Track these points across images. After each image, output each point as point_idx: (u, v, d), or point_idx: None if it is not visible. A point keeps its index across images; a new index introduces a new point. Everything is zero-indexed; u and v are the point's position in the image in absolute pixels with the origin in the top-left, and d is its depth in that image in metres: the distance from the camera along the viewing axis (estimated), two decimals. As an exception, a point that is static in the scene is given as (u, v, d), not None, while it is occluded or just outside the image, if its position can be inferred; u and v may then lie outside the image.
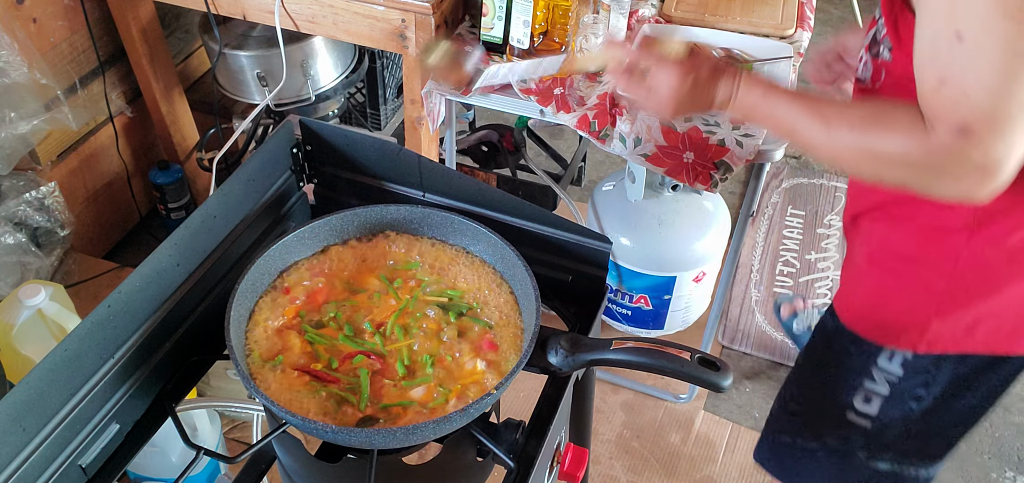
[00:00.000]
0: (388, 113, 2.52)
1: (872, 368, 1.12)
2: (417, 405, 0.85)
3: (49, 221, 2.07)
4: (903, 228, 1.03)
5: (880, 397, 1.14)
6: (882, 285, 1.08)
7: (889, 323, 1.08)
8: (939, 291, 1.01)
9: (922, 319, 1.04)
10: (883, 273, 1.07)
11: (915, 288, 1.04)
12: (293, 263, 0.99)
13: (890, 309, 1.07)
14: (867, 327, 1.11)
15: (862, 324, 1.12)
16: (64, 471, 0.83)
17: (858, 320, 1.13)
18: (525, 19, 1.56)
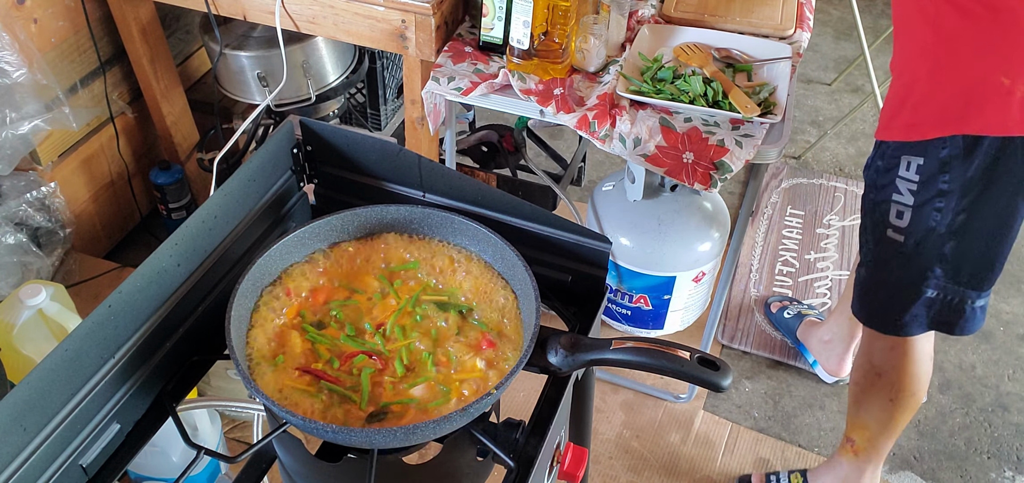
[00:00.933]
0: (388, 113, 2.52)
1: (896, 179, 1.29)
2: (418, 404, 0.85)
3: (50, 221, 2.07)
4: (900, 47, 1.27)
5: (908, 208, 1.30)
6: (894, 91, 1.29)
7: (898, 123, 1.26)
8: (924, 74, 1.22)
9: (921, 108, 1.23)
10: (895, 83, 1.29)
11: (911, 81, 1.24)
12: (293, 263, 0.99)
13: (900, 110, 1.26)
14: (884, 130, 1.30)
15: (883, 130, 1.31)
16: (65, 471, 0.83)
17: (882, 131, 1.32)
18: (525, 19, 1.56)
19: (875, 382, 1.57)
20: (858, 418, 1.66)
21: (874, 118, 3.08)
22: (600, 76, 1.65)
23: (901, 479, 1.97)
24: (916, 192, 1.28)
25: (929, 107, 1.23)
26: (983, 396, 2.15)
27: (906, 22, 1.26)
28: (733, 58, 1.64)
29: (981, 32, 1.15)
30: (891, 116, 1.30)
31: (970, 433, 2.06)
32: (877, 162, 1.34)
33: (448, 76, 1.64)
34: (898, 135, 1.28)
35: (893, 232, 1.34)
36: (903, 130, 1.27)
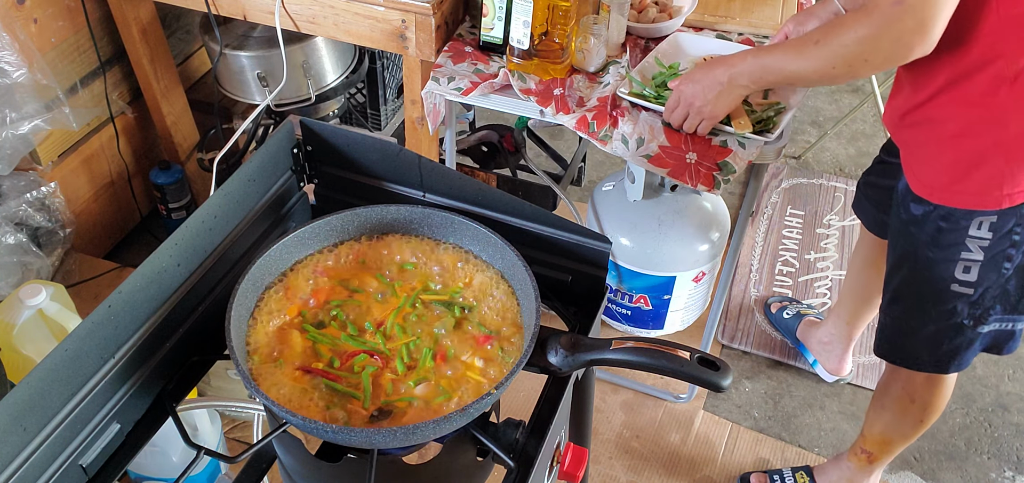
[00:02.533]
0: (388, 113, 2.52)
1: (966, 239, 1.26)
2: (419, 403, 0.85)
3: (50, 221, 2.07)
4: (963, 100, 1.19)
5: (977, 263, 1.28)
6: (958, 154, 1.22)
7: (971, 188, 1.22)
8: (1006, 143, 1.17)
9: (998, 175, 1.20)
10: (956, 143, 1.22)
11: (986, 147, 1.19)
12: (294, 263, 0.99)
13: (970, 175, 1.22)
14: (952, 196, 1.25)
15: (948, 195, 1.26)
16: (65, 471, 0.83)
17: (945, 194, 1.26)
18: (525, 20, 1.56)
19: (908, 408, 1.58)
20: (882, 435, 1.67)
21: (875, 118, 3.08)
22: (600, 76, 1.64)
23: (901, 479, 1.97)
24: (987, 248, 1.26)
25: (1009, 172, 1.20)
26: (983, 396, 2.15)
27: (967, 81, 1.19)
28: None
29: None
30: (956, 180, 1.24)
31: (970, 433, 2.06)
32: (938, 223, 1.28)
33: (448, 76, 1.64)
34: (974, 203, 1.24)
35: (959, 286, 1.31)
36: (978, 197, 1.23)
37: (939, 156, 1.26)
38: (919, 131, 1.29)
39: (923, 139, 1.28)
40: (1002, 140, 1.18)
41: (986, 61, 1.15)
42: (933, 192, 1.28)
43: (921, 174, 1.30)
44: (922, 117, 1.27)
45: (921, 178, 1.30)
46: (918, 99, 1.27)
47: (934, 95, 1.23)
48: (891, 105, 1.39)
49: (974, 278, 1.29)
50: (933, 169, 1.28)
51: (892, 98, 1.39)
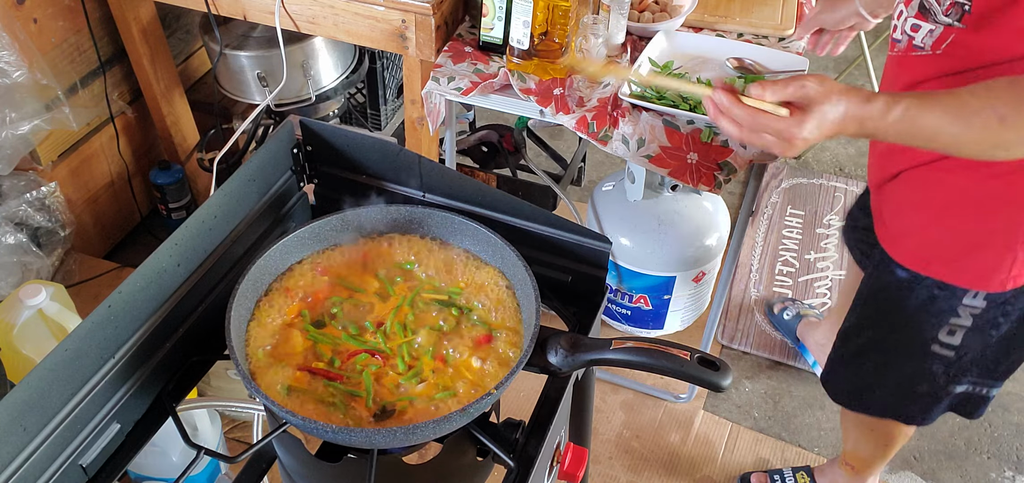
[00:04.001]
0: (388, 113, 2.52)
1: (958, 307, 1.20)
2: (419, 403, 0.85)
3: (50, 221, 2.07)
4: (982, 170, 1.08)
5: (963, 329, 1.22)
6: (963, 228, 1.14)
7: (977, 267, 1.15)
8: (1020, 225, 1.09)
9: (1009, 258, 1.12)
10: (963, 216, 1.13)
11: (997, 227, 1.11)
12: (294, 263, 0.99)
13: (975, 254, 1.14)
14: (954, 273, 1.17)
15: (948, 271, 1.17)
16: (65, 471, 0.83)
17: (943, 268, 1.18)
18: (525, 19, 1.56)
19: (870, 435, 1.57)
20: (854, 453, 1.66)
21: (874, 118, 3.08)
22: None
23: (901, 479, 1.97)
24: (978, 315, 1.19)
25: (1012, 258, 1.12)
26: (983, 396, 2.15)
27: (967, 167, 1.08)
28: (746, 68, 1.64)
29: None
30: (956, 258, 1.16)
31: (970, 433, 2.06)
32: (933, 292, 1.20)
33: (448, 76, 1.64)
34: (975, 283, 1.16)
35: (940, 347, 1.25)
36: (981, 278, 1.15)
37: (939, 227, 1.16)
38: (915, 193, 1.18)
39: (919, 203, 1.18)
40: (1017, 222, 1.10)
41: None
42: (928, 266, 1.19)
43: (913, 244, 1.21)
44: (923, 180, 1.16)
45: (912, 249, 1.21)
46: (920, 157, 1.15)
47: (943, 157, 1.11)
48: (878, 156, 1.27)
49: (958, 342, 1.24)
50: (929, 240, 1.19)
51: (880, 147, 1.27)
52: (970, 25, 1.01)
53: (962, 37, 1.03)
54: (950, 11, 1.03)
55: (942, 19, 1.04)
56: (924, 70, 1.11)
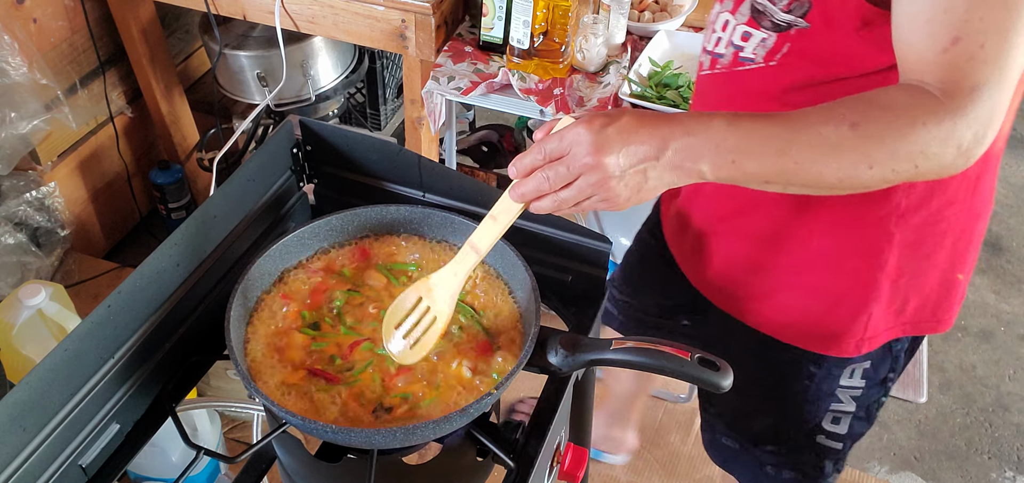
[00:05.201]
0: (388, 113, 2.52)
1: (837, 389, 1.08)
2: (419, 403, 0.85)
3: (49, 221, 2.07)
4: (832, 228, 0.96)
5: (848, 415, 1.10)
6: (824, 286, 1.00)
7: (835, 330, 1.02)
8: (878, 279, 0.97)
9: (863, 316, 1.00)
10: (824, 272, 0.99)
11: (856, 279, 0.98)
12: (293, 263, 0.99)
13: (835, 314, 1.01)
14: (823, 342, 1.04)
15: (818, 341, 1.04)
16: (64, 471, 0.83)
17: (812, 339, 1.05)
18: (525, 19, 1.56)
19: None
20: None
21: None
22: (600, 76, 1.64)
23: (901, 479, 1.97)
24: (859, 398, 1.08)
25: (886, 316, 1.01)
26: (983, 396, 2.15)
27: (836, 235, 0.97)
28: None
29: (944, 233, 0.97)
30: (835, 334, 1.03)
31: (970, 433, 2.06)
32: (809, 368, 1.07)
33: (448, 76, 1.64)
34: (852, 351, 1.03)
35: (827, 438, 1.12)
36: (856, 346, 1.03)
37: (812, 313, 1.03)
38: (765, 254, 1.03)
39: (763, 263, 1.03)
40: (867, 276, 0.98)
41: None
42: (785, 330, 1.06)
43: (772, 310, 1.06)
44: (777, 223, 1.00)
45: (766, 314, 1.07)
46: (765, 212, 1.00)
47: (795, 209, 0.96)
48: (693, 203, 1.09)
49: (845, 431, 1.12)
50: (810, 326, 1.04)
51: (695, 197, 1.09)
52: (814, 25, 0.84)
53: (801, 44, 0.86)
54: (793, 7, 0.85)
55: (781, 18, 0.86)
56: (755, 86, 0.92)
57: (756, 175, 0.75)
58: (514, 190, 0.80)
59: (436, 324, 0.86)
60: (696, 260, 1.13)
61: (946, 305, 1.04)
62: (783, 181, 0.76)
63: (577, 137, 0.74)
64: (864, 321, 1.00)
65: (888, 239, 0.94)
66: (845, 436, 1.12)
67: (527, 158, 0.78)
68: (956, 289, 1.03)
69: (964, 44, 0.70)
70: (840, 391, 1.08)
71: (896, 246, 0.95)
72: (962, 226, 0.98)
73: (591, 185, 0.75)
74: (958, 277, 1.02)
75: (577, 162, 0.74)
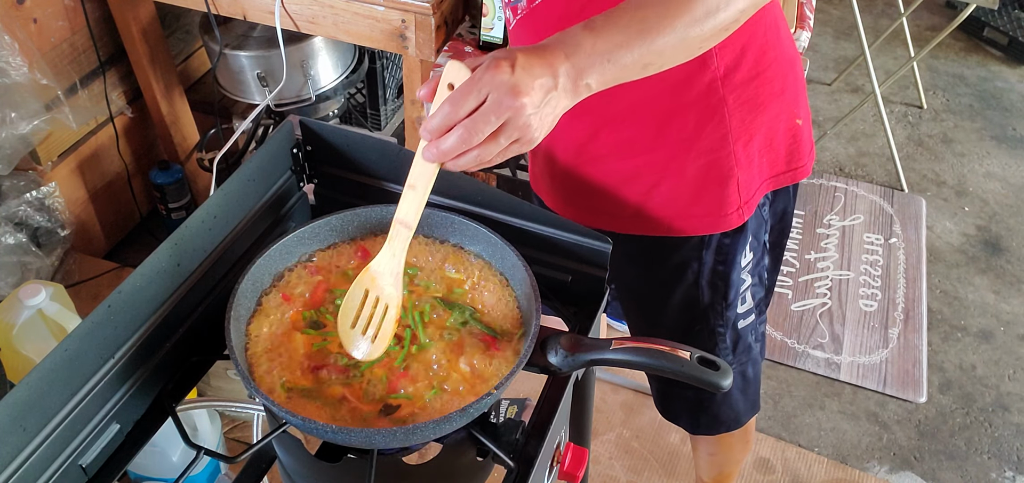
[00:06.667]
0: (388, 113, 2.52)
1: (735, 270, 1.14)
2: (418, 403, 0.85)
3: (49, 221, 2.07)
4: (671, 112, 1.02)
5: (750, 289, 1.17)
6: (688, 168, 1.06)
7: (712, 206, 1.08)
8: (730, 144, 1.04)
9: (732, 183, 1.06)
10: (685, 156, 1.05)
11: (714, 153, 1.04)
12: (294, 263, 0.99)
13: (707, 193, 1.07)
14: (707, 222, 1.09)
15: (702, 222, 1.09)
16: (64, 471, 0.83)
17: (695, 222, 1.10)
18: (525, 19, 1.56)
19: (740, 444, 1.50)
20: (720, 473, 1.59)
21: (874, 118, 3.08)
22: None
23: (901, 479, 1.97)
24: (752, 268, 1.15)
25: (750, 177, 1.08)
26: (983, 396, 2.15)
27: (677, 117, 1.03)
28: None
29: (769, 83, 1.04)
30: (714, 210, 1.08)
31: (970, 433, 2.06)
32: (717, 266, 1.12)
33: (448, 76, 1.64)
34: (736, 220, 1.09)
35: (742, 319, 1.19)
36: (739, 213, 1.09)
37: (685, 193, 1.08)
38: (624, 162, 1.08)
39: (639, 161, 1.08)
40: (724, 136, 1.04)
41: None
42: (671, 225, 1.10)
43: (650, 210, 1.10)
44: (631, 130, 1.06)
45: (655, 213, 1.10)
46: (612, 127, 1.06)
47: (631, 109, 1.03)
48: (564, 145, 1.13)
49: (751, 304, 1.19)
50: (667, 196, 1.09)
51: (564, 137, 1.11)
52: None
53: None
54: None
55: None
56: (556, 12, 0.98)
57: (634, 63, 0.78)
58: (428, 151, 0.79)
59: (389, 311, 0.86)
60: (567, 195, 1.18)
61: (796, 152, 1.12)
62: (658, 57, 0.79)
63: (494, 82, 0.73)
64: (735, 188, 1.06)
65: (722, 102, 1.01)
66: (753, 309, 1.19)
67: (438, 118, 0.76)
68: (800, 134, 1.11)
69: None
70: (739, 271, 1.14)
71: (732, 108, 1.02)
72: (783, 72, 1.06)
73: (517, 129, 0.75)
74: (797, 122, 1.10)
75: (502, 108, 0.73)
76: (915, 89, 3.18)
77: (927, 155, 2.96)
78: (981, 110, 3.17)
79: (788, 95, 1.08)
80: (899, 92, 3.23)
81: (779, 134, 1.09)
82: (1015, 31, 3.39)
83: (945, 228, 2.67)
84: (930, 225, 2.67)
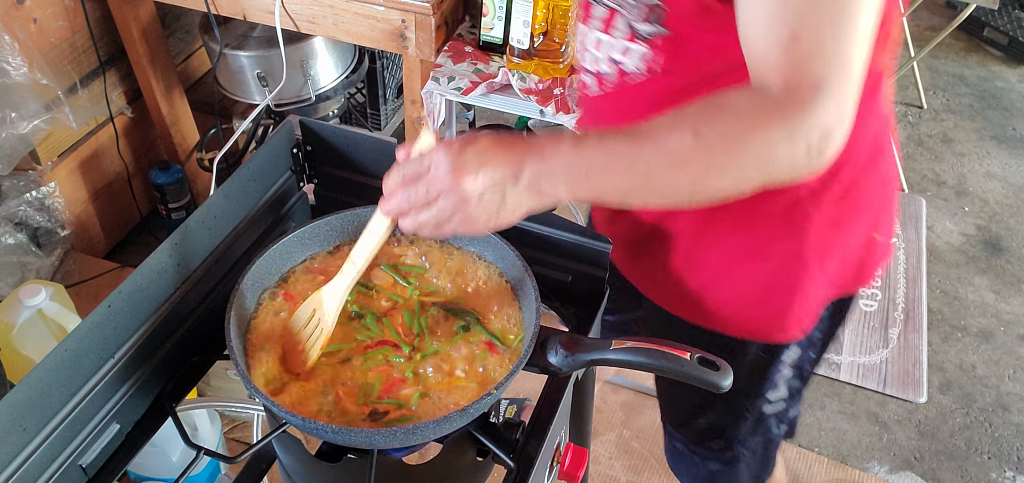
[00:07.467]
0: (388, 113, 2.52)
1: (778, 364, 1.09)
2: (419, 403, 0.85)
3: (49, 221, 2.07)
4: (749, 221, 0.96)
5: (786, 380, 1.12)
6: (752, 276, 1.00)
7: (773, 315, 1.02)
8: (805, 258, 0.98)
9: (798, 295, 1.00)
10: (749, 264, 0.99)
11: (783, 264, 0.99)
12: (294, 263, 0.99)
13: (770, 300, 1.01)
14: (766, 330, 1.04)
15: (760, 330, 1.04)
16: (64, 471, 0.83)
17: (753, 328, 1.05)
18: (525, 19, 1.56)
19: None
20: None
21: (874, 118, 3.08)
22: (600, 76, 1.64)
23: (901, 479, 1.97)
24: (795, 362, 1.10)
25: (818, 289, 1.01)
26: (984, 396, 2.15)
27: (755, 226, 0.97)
28: None
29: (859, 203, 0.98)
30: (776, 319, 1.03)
31: (970, 433, 2.06)
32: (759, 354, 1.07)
33: (448, 76, 1.64)
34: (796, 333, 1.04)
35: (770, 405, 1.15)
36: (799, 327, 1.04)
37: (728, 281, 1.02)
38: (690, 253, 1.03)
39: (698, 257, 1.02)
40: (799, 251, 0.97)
41: None
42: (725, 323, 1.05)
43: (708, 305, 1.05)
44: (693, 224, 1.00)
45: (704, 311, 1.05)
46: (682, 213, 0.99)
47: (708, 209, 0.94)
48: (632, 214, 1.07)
49: (784, 393, 1.14)
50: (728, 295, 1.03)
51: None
52: (674, 28, 0.83)
53: (672, 48, 0.85)
54: (650, 17, 0.84)
55: (644, 29, 0.86)
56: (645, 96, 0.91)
57: (612, 191, 0.77)
58: (382, 204, 0.83)
59: (321, 335, 0.89)
60: (629, 259, 1.12)
61: (867, 264, 1.05)
62: (639, 195, 0.77)
63: (436, 159, 0.76)
64: (801, 300, 1.01)
65: (807, 219, 0.95)
66: (785, 397, 1.14)
67: (392, 177, 0.81)
68: (875, 248, 1.05)
69: (803, 41, 0.69)
70: (780, 366, 1.09)
71: (816, 225, 0.95)
72: (873, 193, 1.00)
73: (450, 206, 0.76)
74: (876, 237, 1.04)
75: (436, 184, 0.76)
76: (915, 89, 3.18)
77: (927, 155, 2.96)
78: (981, 110, 3.17)
79: (875, 213, 1.02)
80: (899, 92, 3.23)
81: (856, 249, 1.02)
82: (1015, 31, 3.39)
83: (945, 228, 2.67)
84: (930, 225, 2.67)
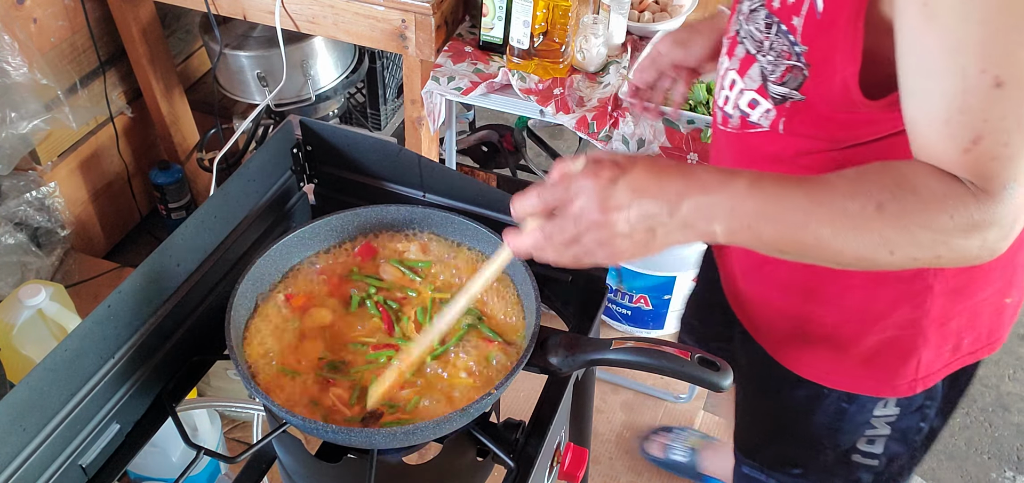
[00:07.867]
0: (388, 113, 2.52)
1: (870, 418, 1.04)
2: (418, 403, 0.85)
3: (49, 221, 2.07)
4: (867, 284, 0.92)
5: (883, 437, 1.07)
6: (864, 337, 0.97)
7: (881, 375, 0.99)
8: (923, 326, 0.94)
9: (912, 360, 0.97)
10: (862, 326, 0.96)
11: (900, 330, 0.95)
12: (294, 263, 0.99)
13: (879, 360, 0.98)
14: (856, 382, 1.01)
15: (850, 380, 1.01)
16: (64, 471, 0.83)
17: (844, 379, 1.01)
18: (525, 19, 1.56)
19: None
20: None
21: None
22: (600, 77, 1.65)
23: (901, 479, 1.97)
24: (894, 422, 1.04)
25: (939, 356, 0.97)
26: (983, 396, 2.15)
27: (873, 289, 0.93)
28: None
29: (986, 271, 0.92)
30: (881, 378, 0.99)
31: (970, 433, 2.06)
32: (840, 405, 1.04)
33: (448, 76, 1.64)
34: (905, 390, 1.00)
35: (862, 457, 1.09)
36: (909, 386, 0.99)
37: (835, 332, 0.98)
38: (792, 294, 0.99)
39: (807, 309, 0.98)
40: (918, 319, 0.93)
41: None
42: (828, 376, 1.02)
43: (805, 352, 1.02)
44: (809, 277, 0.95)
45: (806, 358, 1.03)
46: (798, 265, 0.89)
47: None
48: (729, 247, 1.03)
49: (880, 450, 1.08)
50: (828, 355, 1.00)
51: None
52: (809, 98, 0.79)
53: (802, 115, 0.82)
54: (787, 79, 0.80)
55: (777, 91, 0.82)
56: (767, 149, 0.89)
57: (771, 244, 0.71)
58: (510, 239, 0.75)
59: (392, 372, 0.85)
60: (736, 299, 1.10)
61: (996, 329, 1.00)
62: (797, 252, 0.72)
63: (582, 188, 0.69)
64: (913, 365, 0.96)
65: (928, 289, 0.91)
66: (880, 454, 1.09)
67: (527, 201, 0.73)
68: (1004, 311, 0.99)
69: (986, 143, 0.66)
70: (874, 420, 1.04)
71: (937, 295, 0.91)
72: (1004, 261, 0.89)
73: (595, 242, 0.70)
74: (1006, 301, 0.99)
75: (584, 218, 0.70)
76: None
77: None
78: None
79: (1003, 277, 0.96)
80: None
81: (983, 315, 0.97)
82: (1015, 31, 3.38)
83: (945, 228, 2.67)
84: (930, 225, 2.67)
